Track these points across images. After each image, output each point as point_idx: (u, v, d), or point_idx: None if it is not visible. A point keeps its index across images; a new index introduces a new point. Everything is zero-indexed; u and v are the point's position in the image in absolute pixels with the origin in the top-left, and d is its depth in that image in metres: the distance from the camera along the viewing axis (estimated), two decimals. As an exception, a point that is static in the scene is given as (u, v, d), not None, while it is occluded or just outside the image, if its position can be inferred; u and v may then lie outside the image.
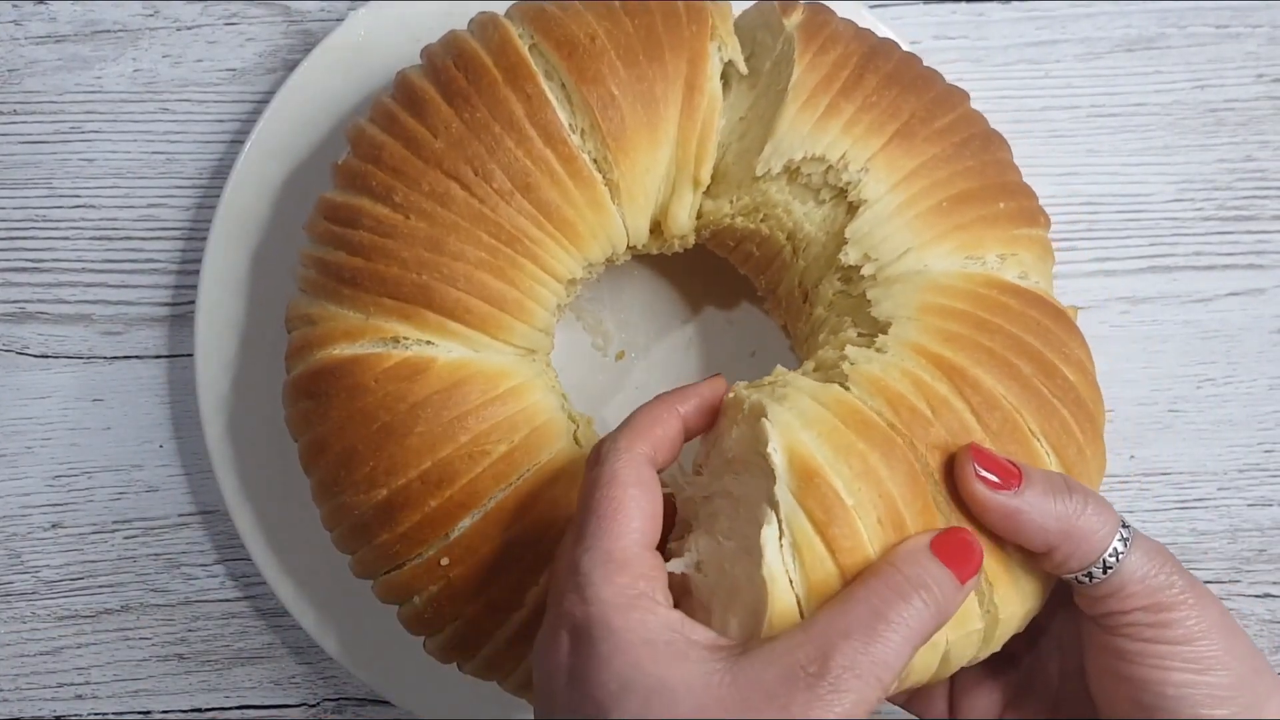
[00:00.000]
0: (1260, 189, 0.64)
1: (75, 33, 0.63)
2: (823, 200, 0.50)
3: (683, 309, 0.61)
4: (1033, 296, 0.47)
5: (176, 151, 0.62)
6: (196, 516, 0.61)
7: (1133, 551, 0.41)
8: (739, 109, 0.52)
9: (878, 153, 0.49)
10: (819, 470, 0.39)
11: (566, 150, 0.49)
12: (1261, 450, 0.63)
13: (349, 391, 0.48)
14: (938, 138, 0.49)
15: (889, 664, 0.36)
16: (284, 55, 0.63)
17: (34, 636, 0.61)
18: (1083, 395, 0.46)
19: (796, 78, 0.49)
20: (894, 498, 0.40)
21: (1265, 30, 0.64)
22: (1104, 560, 0.41)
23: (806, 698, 0.34)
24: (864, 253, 0.49)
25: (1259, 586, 0.63)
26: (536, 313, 0.50)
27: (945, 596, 0.38)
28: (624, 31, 0.49)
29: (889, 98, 0.50)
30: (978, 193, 0.49)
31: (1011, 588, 0.42)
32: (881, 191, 0.49)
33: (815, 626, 0.36)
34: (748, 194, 0.51)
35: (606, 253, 0.52)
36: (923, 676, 0.41)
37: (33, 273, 0.62)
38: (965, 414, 0.43)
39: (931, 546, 0.39)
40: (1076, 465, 0.45)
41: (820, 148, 0.49)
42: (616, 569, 0.38)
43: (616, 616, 0.37)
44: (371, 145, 0.49)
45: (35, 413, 0.61)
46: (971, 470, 0.41)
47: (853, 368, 0.44)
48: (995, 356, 0.44)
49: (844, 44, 0.51)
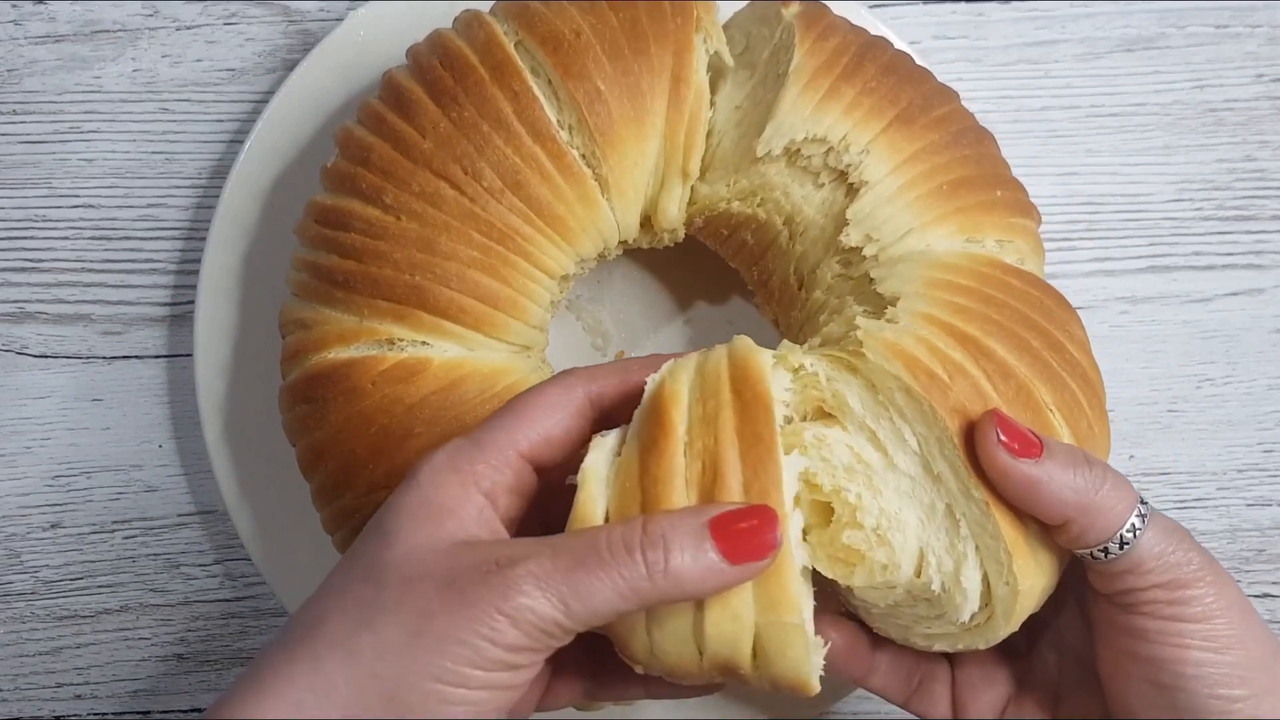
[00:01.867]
0: (1260, 189, 0.64)
1: (74, 33, 0.63)
2: (822, 183, 0.50)
3: (682, 308, 0.61)
4: (1033, 278, 0.47)
5: (176, 151, 0.62)
6: (196, 516, 0.61)
7: (1150, 528, 0.40)
8: (735, 98, 0.52)
9: (879, 135, 0.49)
10: (668, 401, 0.39)
11: (555, 146, 0.49)
12: (1261, 450, 0.63)
13: (346, 395, 0.48)
14: (936, 125, 0.50)
15: (581, 598, 0.35)
16: (283, 55, 0.63)
17: (33, 637, 0.61)
18: (1089, 372, 0.45)
19: (798, 61, 0.49)
20: (726, 455, 0.38)
21: (1265, 30, 0.64)
22: (1121, 536, 0.40)
23: (476, 583, 0.35)
24: (866, 234, 0.48)
25: (1258, 586, 0.63)
26: (530, 310, 0.50)
27: (686, 572, 0.36)
28: (609, 26, 0.50)
29: (888, 84, 0.50)
30: (976, 179, 0.49)
31: (1030, 559, 0.41)
32: (883, 173, 0.49)
33: (550, 539, 0.36)
34: (745, 177, 0.51)
35: (598, 247, 0.52)
36: (721, 648, 0.38)
37: (32, 272, 0.62)
38: (982, 381, 0.42)
39: (710, 522, 0.37)
40: (1088, 440, 0.44)
41: (822, 129, 0.49)
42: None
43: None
44: (360, 147, 0.49)
45: (34, 413, 0.61)
46: (994, 436, 0.39)
47: (867, 334, 0.42)
48: (1004, 329, 0.44)
49: (842, 34, 0.51)
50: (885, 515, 0.41)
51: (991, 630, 0.42)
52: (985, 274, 0.46)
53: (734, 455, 0.38)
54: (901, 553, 0.41)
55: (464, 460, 0.38)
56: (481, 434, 0.39)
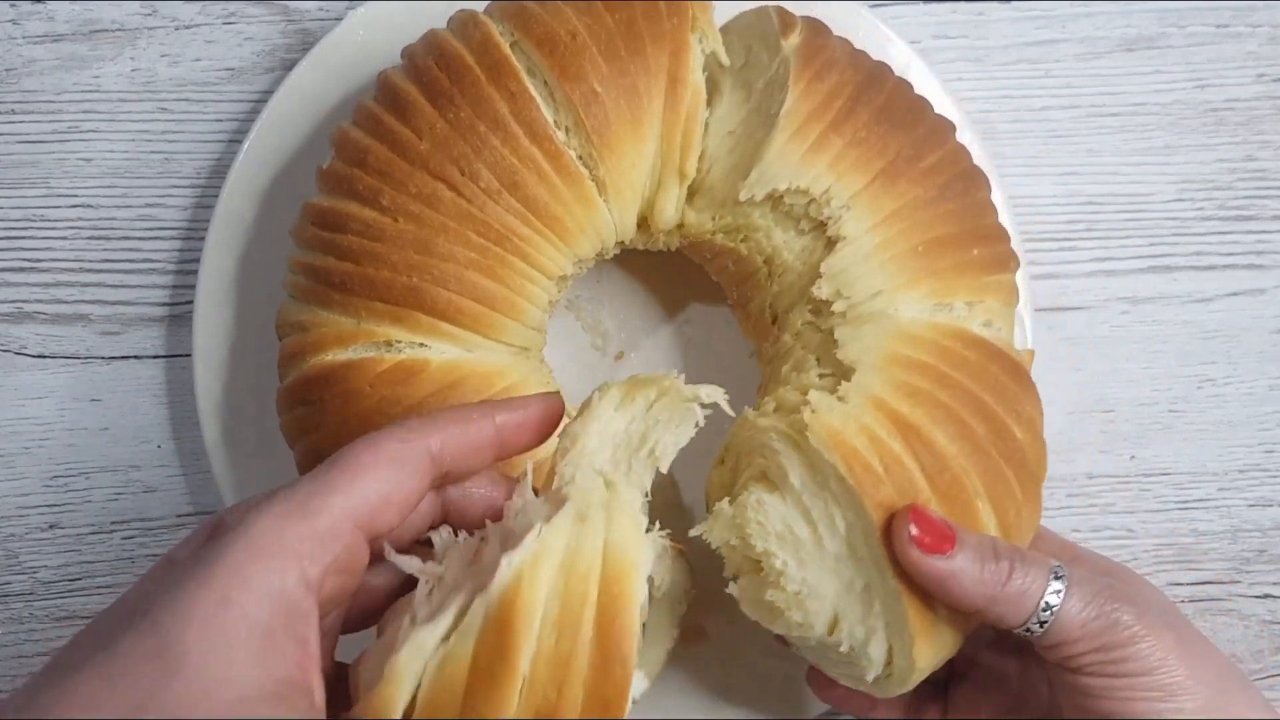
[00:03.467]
0: (1260, 189, 0.64)
1: (73, 32, 0.63)
2: (803, 230, 0.51)
3: (682, 309, 0.61)
4: (994, 350, 0.48)
5: (174, 151, 0.62)
6: (194, 517, 0.61)
7: (1069, 600, 0.42)
8: (729, 121, 0.52)
9: (861, 191, 0.49)
10: (518, 617, 0.34)
11: (552, 147, 0.48)
12: (1262, 450, 0.63)
13: (344, 397, 0.48)
14: (921, 179, 0.50)
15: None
16: (282, 55, 0.63)
17: (31, 637, 0.61)
18: (1028, 455, 0.47)
19: (789, 105, 0.49)
20: (567, 704, 0.34)
21: (1265, 30, 0.64)
22: (1038, 615, 0.42)
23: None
24: (837, 289, 0.49)
25: (1259, 587, 0.62)
26: (528, 310, 0.50)
27: None
28: (604, 27, 0.49)
29: (878, 133, 0.50)
30: (954, 238, 0.49)
31: (931, 643, 0.43)
32: (861, 230, 0.49)
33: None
34: (730, 214, 0.51)
35: (596, 248, 0.52)
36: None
37: (30, 272, 0.62)
38: (916, 474, 0.44)
39: None
40: (1014, 527, 0.46)
41: (805, 181, 0.49)
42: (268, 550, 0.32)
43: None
44: (356, 149, 0.49)
45: (33, 413, 0.61)
46: (907, 534, 0.42)
47: (814, 416, 0.44)
48: (952, 415, 0.45)
49: (839, 71, 0.50)
50: (807, 584, 0.44)
51: (889, 688, 0.45)
52: (945, 348, 0.47)
53: (577, 703, 0.34)
54: (817, 617, 0.44)
55: (291, 536, 0.32)
56: (310, 498, 0.33)
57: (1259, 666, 0.62)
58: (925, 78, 0.59)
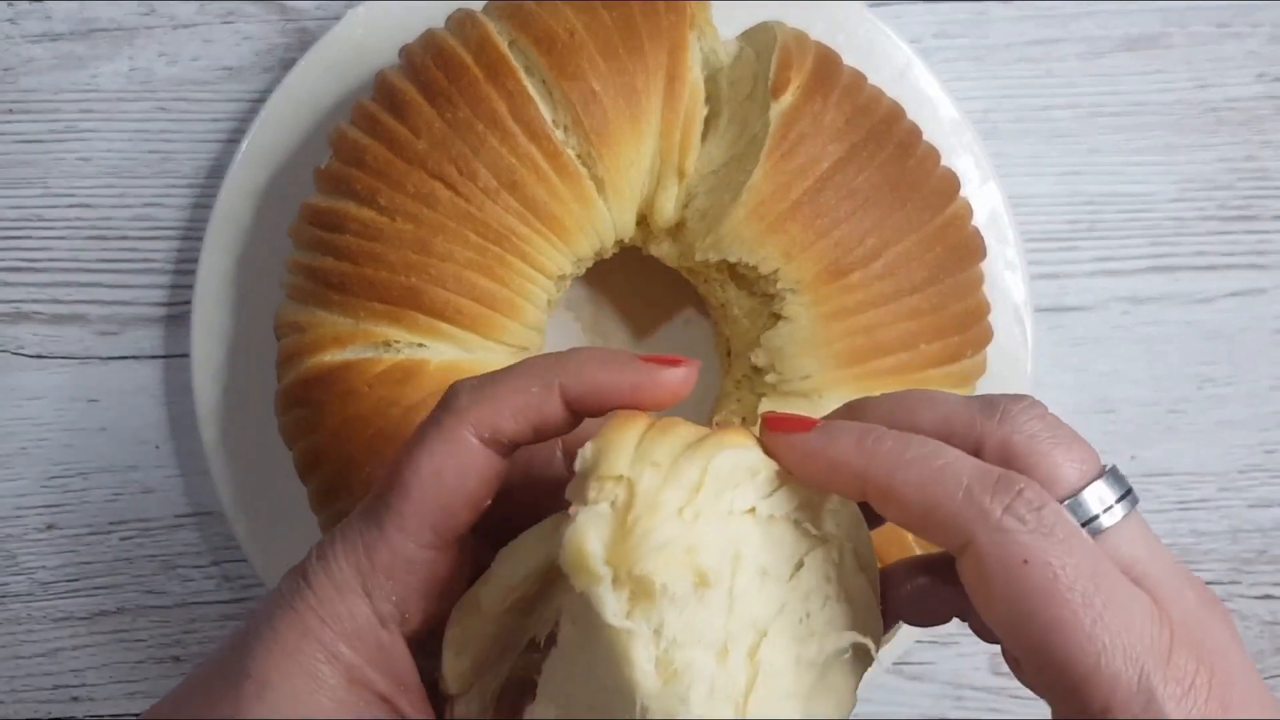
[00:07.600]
0: (1262, 189, 0.64)
1: (71, 31, 0.62)
2: (754, 293, 0.51)
3: (683, 310, 0.61)
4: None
5: (173, 150, 0.62)
6: (193, 518, 0.61)
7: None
8: (715, 159, 0.52)
9: (810, 280, 0.49)
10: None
11: (551, 146, 0.48)
12: (1263, 451, 0.63)
13: (342, 398, 0.48)
14: (879, 278, 0.49)
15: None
16: (280, 54, 0.63)
17: (29, 639, 0.60)
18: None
19: (754, 180, 0.49)
20: None
21: (1267, 29, 0.64)
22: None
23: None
24: (771, 362, 0.50)
25: (1260, 588, 0.62)
26: (527, 310, 0.50)
27: None
28: (602, 25, 0.49)
29: (843, 218, 0.49)
30: (901, 338, 0.49)
31: None
32: (802, 316, 0.49)
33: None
34: (690, 261, 0.52)
35: (595, 247, 0.51)
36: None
37: (28, 272, 0.61)
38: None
39: None
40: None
41: (756, 259, 0.49)
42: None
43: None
44: (354, 148, 0.49)
45: (30, 413, 0.61)
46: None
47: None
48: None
49: (821, 144, 0.49)
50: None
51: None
52: None
53: None
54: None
55: (355, 576, 0.33)
56: (387, 510, 0.33)
57: (1260, 667, 0.62)
58: (925, 78, 0.59)
